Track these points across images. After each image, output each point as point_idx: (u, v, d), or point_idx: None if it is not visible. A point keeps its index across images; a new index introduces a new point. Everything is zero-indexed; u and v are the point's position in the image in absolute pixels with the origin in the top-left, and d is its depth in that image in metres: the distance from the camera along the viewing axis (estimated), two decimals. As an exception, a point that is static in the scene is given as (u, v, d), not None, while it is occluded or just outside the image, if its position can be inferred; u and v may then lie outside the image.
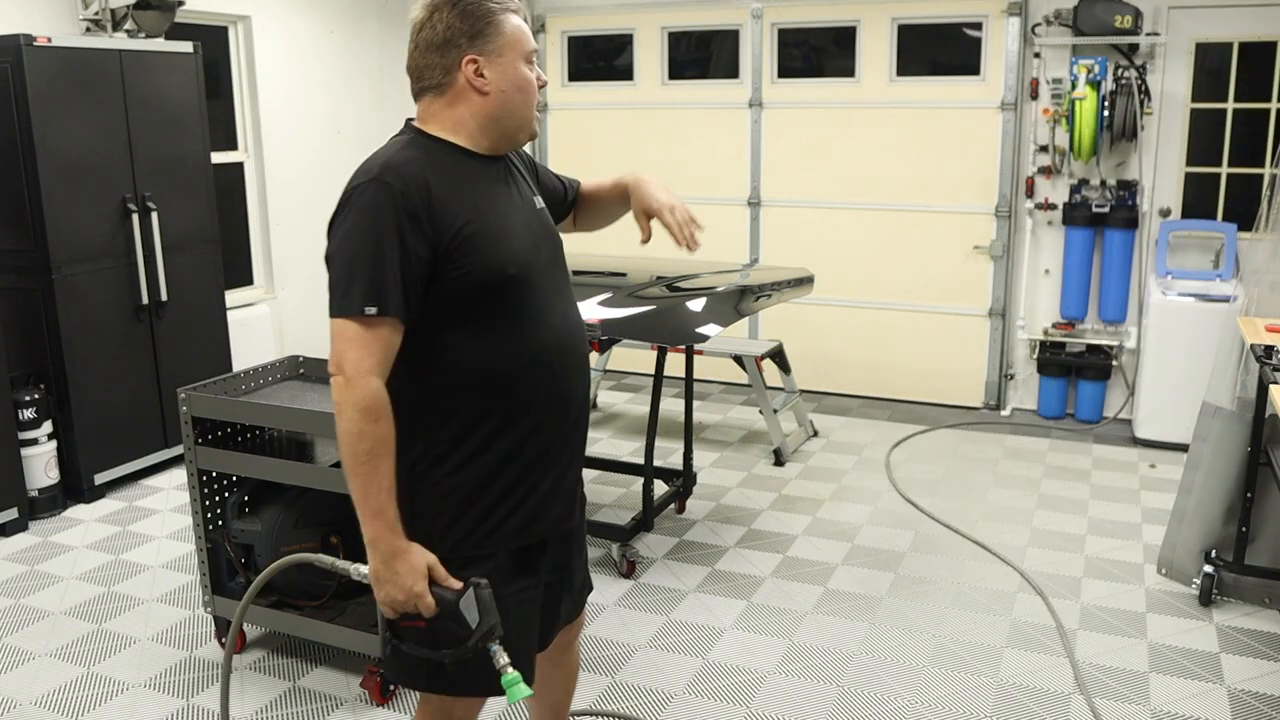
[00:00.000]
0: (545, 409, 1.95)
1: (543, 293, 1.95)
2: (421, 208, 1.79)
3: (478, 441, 1.90)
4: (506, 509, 1.93)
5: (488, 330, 1.88)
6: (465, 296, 1.85)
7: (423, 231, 1.78)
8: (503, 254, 1.87)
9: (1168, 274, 5.37)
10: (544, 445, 1.96)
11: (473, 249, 1.83)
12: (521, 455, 1.93)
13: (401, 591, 1.79)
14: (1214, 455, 3.68)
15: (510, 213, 1.94)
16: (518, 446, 1.92)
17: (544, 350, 1.94)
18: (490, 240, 1.86)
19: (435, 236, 1.80)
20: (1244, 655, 3.32)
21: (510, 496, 1.93)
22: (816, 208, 6.19)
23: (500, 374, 1.89)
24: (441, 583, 1.82)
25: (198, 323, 5.11)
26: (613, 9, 6.46)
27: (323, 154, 6.45)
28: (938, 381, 6.12)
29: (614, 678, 3.22)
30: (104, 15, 4.82)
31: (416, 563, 1.80)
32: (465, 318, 1.86)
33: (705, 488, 4.79)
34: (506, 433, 1.91)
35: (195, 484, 3.19)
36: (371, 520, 1.78)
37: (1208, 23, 5.31)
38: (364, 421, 1.76)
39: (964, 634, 3.48)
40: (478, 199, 1.88)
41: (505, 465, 1.92)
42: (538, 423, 1.94)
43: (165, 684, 3.21)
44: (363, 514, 1.79)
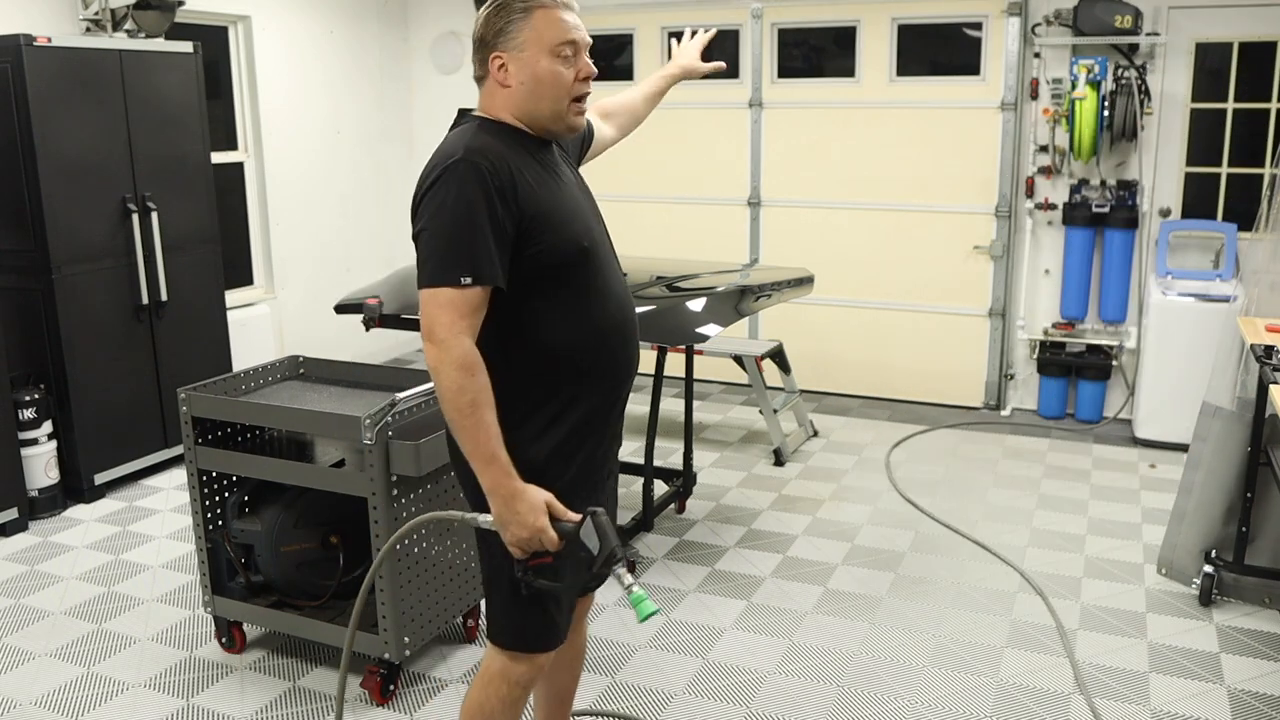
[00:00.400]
0: (611, 380, 2.09)
1: (606, 266, 2.09)
2: (508, 185, 1.91)
3: (554, 410, 2.02)
4: (578, 474, 2.05)
5: (563, 304, 2.00)
6: (543, 271, 1.97)
7: (509, 208, 1.91)
8: (575, 229, 2.01)
9: (1168, 274, 5.37)
10: (606, 413, 2.10)
11: (549, 226, 1.96)
12: (591, 424, 2.07)
13: (526, 529, 1.89)
14: (1214, 455, 3.68)
15: (570, 191, 2.07)
16: (588, 416, 2.05)
17: (610, 322, 2.07)
18: (563, 217, 2.00)
19: (519, 213, 1.92)
20: (1244, 655, 3.32)
21: (574, 460, 2.05)
22: (816, 208, 6.19)
23: (575, 347, 2.02)
24: (561, 517, 1.92)
25: (198, 323, 5.11)
26: (613, 9, 6.46)
27: (323, 154, 6.45)
28: (938, 381, 6.12)
29: (614, 678, 3.22)
30: (104, 15, 4.82)
31: (535, 500, 1.90)
32: (543, 293, 1.98)
33: (705, 488, 4.78)
34: (580, 403, 2.04)
35: (195, 484, 3.19)
36: (486, 468, 1.90)
37: (1208, 23, 5.31)
38: (463, 377, 1.87)
39: (964, 634, 3.48)
40: (545, 179, 2.01)
41: (578, 433, 2.04)
42: (604, 392, 2.08)
43: (165, 684, 3.21)
44: (476, 464, 1.91)
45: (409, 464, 2.84)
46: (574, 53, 2.00)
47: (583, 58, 2.02)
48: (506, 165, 1.92)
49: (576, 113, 2.04)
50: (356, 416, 2.84)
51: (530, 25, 1.96)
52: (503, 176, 1.90)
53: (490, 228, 1.88)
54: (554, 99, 2.00)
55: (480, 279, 1.88)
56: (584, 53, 2.02)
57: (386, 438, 2.84)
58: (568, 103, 2.01)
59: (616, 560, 1.86)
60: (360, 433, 2.82)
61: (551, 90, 1.99)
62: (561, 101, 2.00)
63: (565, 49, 1.98)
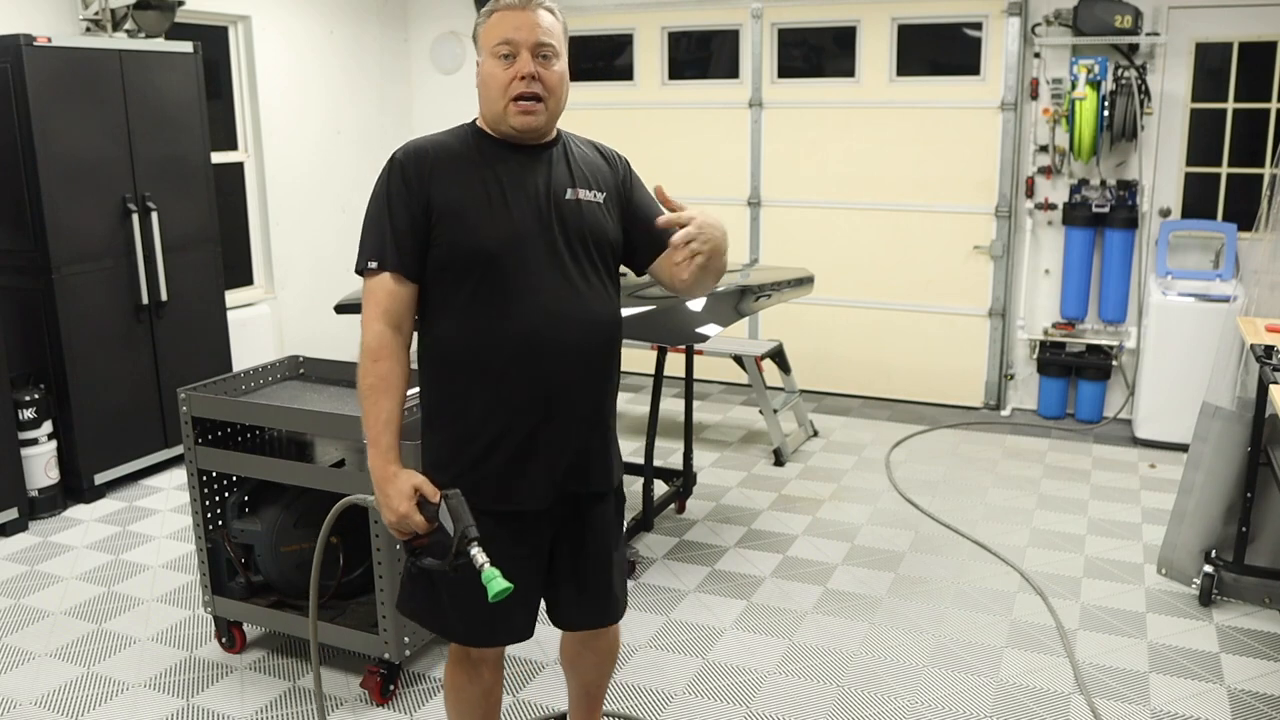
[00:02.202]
0: (518, 389, 2.05)
1: (531, 276, 2.03)
2: (415, 175, 2.01)
3: (457, 406, 2.09)
4: (480, 474, 2.08)
5: (471, 302, 2.03)
6: (450, 266, 2.02)
7: (415, 199, 2.00)
8: (481, 231, 2.01)
9: (1168, 274, 5.37)
10: (515, 423, 2.06)
11: (456, 225, 2.01)
12: (493, 427, 2.06)
13: (392, 513, 1.98)
14: (1214, 455, 3.68)
15: (517, 196, 2.05)
16: (487, 419, 2.06)
17: (521, 331, 2.03)
18: (475, 218, 2.01)
19: (425, 204, 2.00)
20: (1244, 655, 3.32)
21: (483, 464, 2.08)
22: (816, 208, 6.19)
23: (478, 345, 2.04)
24: (430, 499, 1.98)
25: (198, 323, 5.11)
26: (613, 9, 6.46)
27: (323, 154, 6.45)
28: (938, 381, 6.12)
29: (614, 677, 3.22)
30: (104, 15, 4.82)
31: (403, 486, 1.98)
32: (453, 286, 2.04)
33: (705, 488, 4.78)
34: (476, 404, 2.06)
35: (195, 484, 3.19)
36: (370, 448, 2.01)
37: (1208, 23, 5.31)
38: (366, 361, 2.00)
39: (964, 634, 3.48)
40: (482, 180, 2.03)
41: (478, 432, 2.07)
42: (511, 400, 2.05)
43: (165, 684, 3.21)
44: (367, 442, 2.02)
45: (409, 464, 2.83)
46: (511, 52, 1.99)
47: (523, 57, 1.99)
48: (429, 161, 2.02)
49: (518, 111, 2.01)
50: (356, 416, 2.83)
51: (485, 28, 2.04)
52: (418, 170, 2.01)
53: (394, 218, 2.00)
54: (492, 98, 2.03)
55: (383, 265, 2.00)
56: (525, 52, 1.99)
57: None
58: (504, 103, 2.01)
59: (469, 541, 1.91)
60: (360, 433, 2.82)
61: (490, 89, 2.03)
62: (498, 101, 2.02)
63: (502, 48, 2.00)
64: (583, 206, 2.11)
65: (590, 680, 2.53)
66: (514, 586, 1.87)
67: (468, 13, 6.75)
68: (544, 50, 2.02)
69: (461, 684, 2.28)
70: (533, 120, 2.03)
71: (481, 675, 2.27)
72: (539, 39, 2.01)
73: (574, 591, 2.25)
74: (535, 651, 3.34)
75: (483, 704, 2.31)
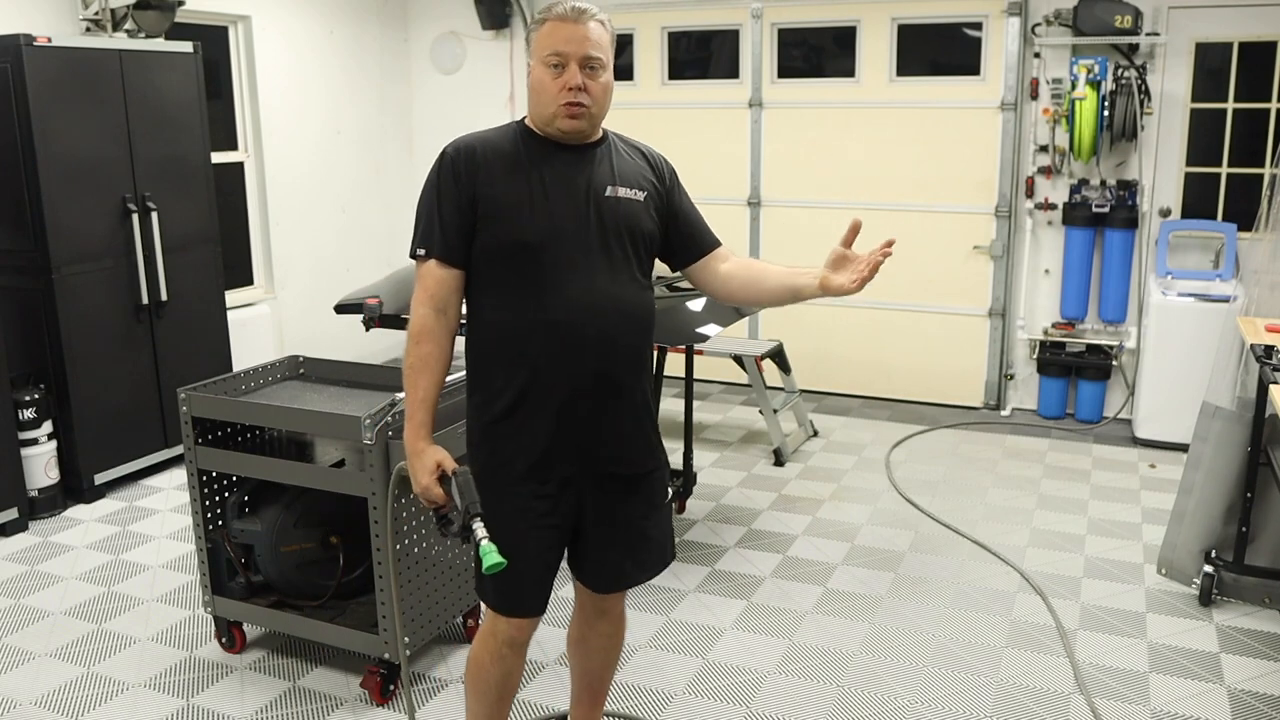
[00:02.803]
0: (552, 373, 2.17)
1: (567, 267, 2.16)
2: (464, 169, 2.15)
3: (495, 388, 2.21)
4: (510, 451, 2.21)
5: (505, 291, 2.18)
6: (489, 257, 2.17)
7: (462, 189, 2.15)
8: (521, 223, 2.15)
9: (1168, 274, 5.37)
10: (548, 404, 2.19)
11: (498, 214, 2.15)
12: (525, 409, 2.19)
13: (417, 484, 2.17)
14: (1214, 455, 3.68)
15: (559, 192, 2.18)
16: (521, 400, 2.19)
17: (554, 319, 2.16)
18: (516, 210, 2.15)
19: (471, 195, 2.14)
20: (1244, 655, 3.32)
21: (513, 441, 2.21)
22: (816, 208, 6.19)
23: (510, 333, 2.18)
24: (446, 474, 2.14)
25: (198, 323, 5.11)
26: (613, 9, 6.45)
27: (323, 154, 6.45)
28: (938, 381, 6.12)
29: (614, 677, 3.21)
30: (104, 15, 4.82)
31: (428, 461, 2.16)
32: (490, 277, 2.19)
33: (705, 488, 4.78)
34: (512, 385, 2.19)
35: (195, 484, 3.19)
36: (407, 422, 2.19)
37: (1208, 23, 5.31)
38: (410, 342, 2.18)
39: (964, 634, 3.48)
40: (525, 174, 2.17)
41: (511, 414, 2.20)
42: (543, 383, 2.18)
43: (165, 684, 3.21)
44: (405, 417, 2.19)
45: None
46: (561, 63, 2.13)
47: (571, 68, 2.12)
48: (476, 155, 2.17)
49: (565, 115, 2.15)
50: (356, 416, 2.84)
51: (537, 35, 2.17)
52: (466, 164, 2.15)
53: (442, 209, 2.16)
54: (542, 103, 2.17)
55: (430, 252, 2.17)
56: (574, 64, 2.13)
57: (386, 438, 2.84)
58: (554, 107, 2.15)
59: (472, 516, 2.07)
60: (360, 433, 2.82)
61: (540, 95, 2.17)
62: (548, 106, 2.16)
63: (552, 58, 2.13)
64: (621, 203, 2.23)
65: (594, 667, 2.60)
66: (506, 563, 2.03)
67: (468, 13, 6.75)
68: (592, 63, 2.15)
69: (485, 663, 2.38)
70: (578, 124, 2.18)
71: (504, 657, 2.36)
72: (588, 52, 2.14)
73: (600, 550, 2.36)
74: (535, 651, 3.33)
75: (501, 686, 2.41)
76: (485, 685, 2.40)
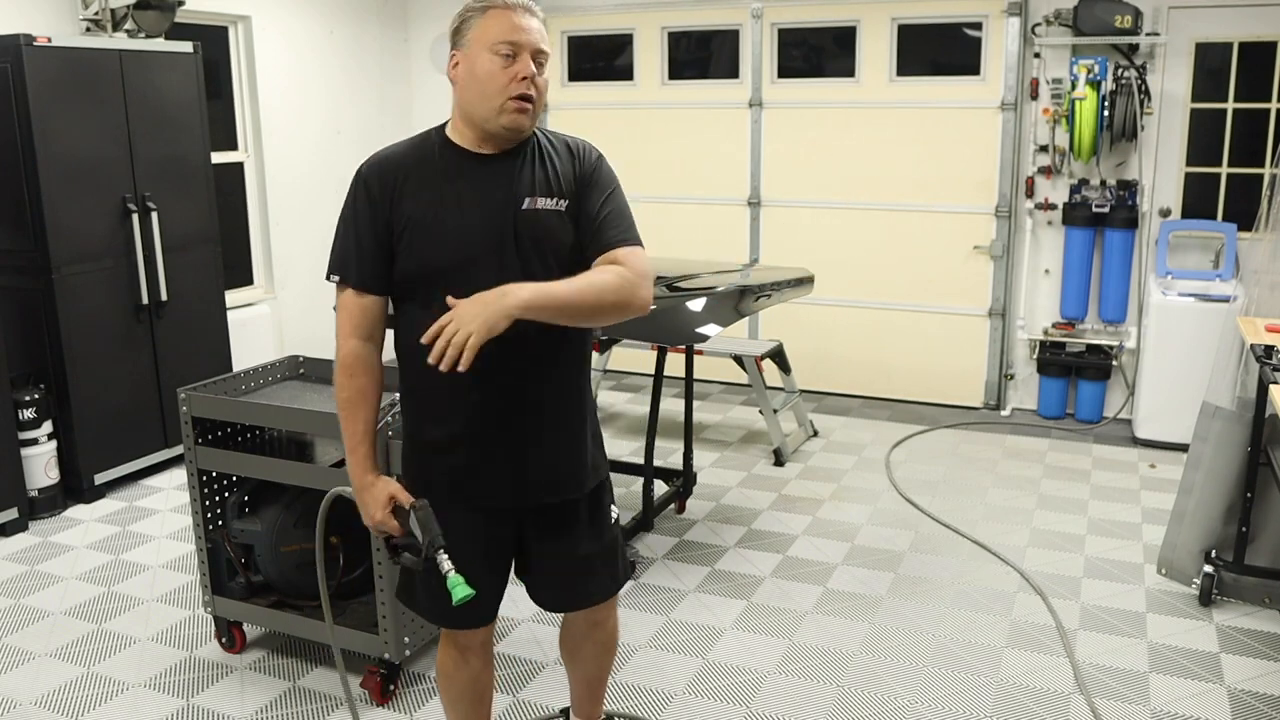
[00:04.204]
0: (470, 399, 2.09)
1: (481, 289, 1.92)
2: (379, 189, 2.05)
3: (415, 410, 2.18)
4: (435, 472, 2.17)
5: (421, 313, 2.02)
6: (408, 279, 2.07)
7: (377, 211, 2.05)
8: (441, 247, 2.04)
9: (1168, 274, 5.37)
10: (468, 427, 2.12)
11: (413, 238, 2.04)
12: (445, 431, 2.14)
13: (368, 518, 2.12)
14: (1214, 455, 3.68)
15: (476, 209, 2.05)
16: (442, 422, 2.14)
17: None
18: (431, 233, 2.04)
19: (387, 219, 2.05)
20: (1244, 655, 3.32)
21: (445, 464, 2.16)
22: (816, 208, 6.19)
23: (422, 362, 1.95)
24: (403, 506, 2.09)
25: (198, 323, 5.11)
26: (613, 9, 6.46)
27: (323, 154, 6.45)
28: (938, 381, 6.12)
29: (614, 678, 3.21)
30: (104, 15, 4.82)
31: (379, 494, 2.10)
32: (411, 299, 2.10)
33: (705, 488, 4.78)
34: (432, 408, 2.14)
35: (195, 484, 3.19)
36: (348, 456, 2.13)
37: (1208, 23, 5.31)
38: (341, 375, 2.10)
39: (964, 634, 3.48)
40: (441, 193, 2.06)
41: (432, 435, 2.16)
42: (461, 406, 2.10)
43: (165, 684, 3.21)
44: (346, 454, 2.13)
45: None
46: (513, 52, 1.99)
47: (523, 59, 2.00)
48: (394, 174, 2.06)
49: (515, 110, 2.01)
50: (356, 416, 2.83)
51: (479, 24, 2.02)
52: (383, 184, 2.05)
53: (359, 233, 2.06)
54: (488, 95, 2.00)
55: (345, 279, 2.08)
56: (526, 55, 2.00)
57: (386, 438, 2.84)
58: (502, 100, 2.00)
59: (436, 549, 2.00)
60: (360, 433, 2.82)
61: (487, 85, 2.00)
62: (495, 99, 2.00)
63: (504, 47, 1.99)
64: (540, 216, 2.07)
65: (591, 671, 2.59)
66: (476, 593, 1.96)
67: (468, 13, 6.74)
68: (540, 57, 2.05)
69: (449, 670, 2.37)
70: (524, 120, 2.04)
71: (469, 661, 2.35)
72: (538, 45, 2.04)
73: (543, 578, 2.32)
74: (535, 651, 3.34)
75: (471, 690, 2.40)
76: (456, 692, 2.39)
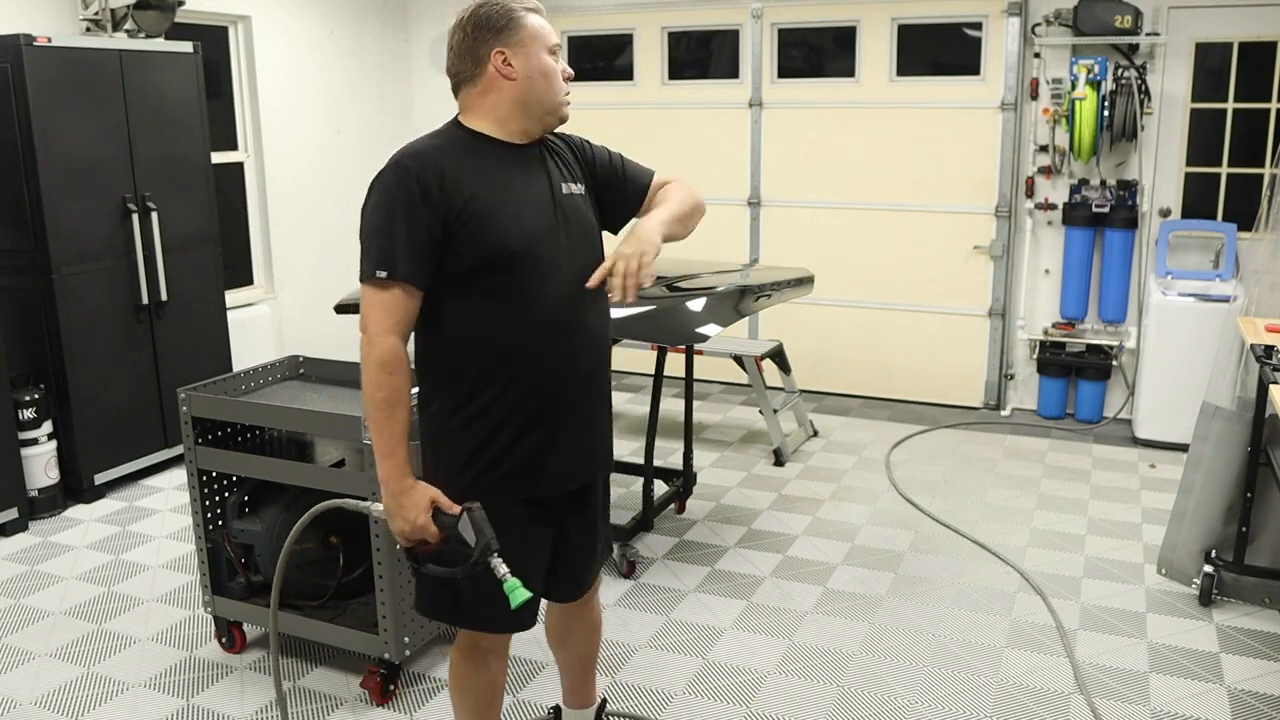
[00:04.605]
0: (544, 379, 2.14)
1: (547, 273, 2.11)
2: (432, 185, 2.01)
3: (480, 404, 2.12)
4: (507, 466, 2.14)
5: (490, 302, 2.08)
6: (470, 270, 2.06)
7: (432, 207, 2.01)
8: (505, 233, 2.06)
9: (1168, 274, 5.37)
10: (542, 412, 2.15)
11: (477, 227, 2.04)
12: (518, 420, 2.13)
13: (407, 523, 2.04)
14: (1214, 455, 3.68)
15: (524, 195, 2.12)
16: (514, 412, 2.12)
17: (544, 325, 2.12)
18: (495, 219, 2.06)
19: (445, 212, 2.02)
20: (1244, 655, 3.32)
21: (509, 455, 2.14)
22: (816, 208, 6.19)
23: (499, 344, 2.10)
24: (446, 510, 2.04)
25: (198, 323, 5.11)
26: (613, 9, 6.46)
27: (323, 154, 6.45)
28: (938, 381, 6.12)
29: (614, 678, 3.22)
30: (104, 15, 4.82)
31: (419, 498, 2.04)
32: (471, 289, 2.08)
33: (705, 488, 4.78)
34: (504, 399, 2.12)
35: (195, 484, 3.19)
36: (384, 461, 2.04)
37: (1208, 23, 5.31)
38: (381, 374, 2.02)
39: (964, 634, 3.48)
40: (493, 182, 2.08)
41: (503, 427, 2.13)
42: (536, 391, 2.13)
43: (165, 684, 3.21)
44: (377, 455, 2.05)
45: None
46: (556, 54, 2.18)
47: (561, 60, 2.21)
48: (440, 168, 2.04)
49: (568, 104, 2.21)
50: (356, 416, 2.84)
51: (530, 25, 2.13)
52: (428, 179, 2.02)
53: (408, 228, 2.00)
54: (554, 91, 2.16)
55: (395, 275, 2.00)
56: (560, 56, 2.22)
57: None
58: (561, 95, 2.18)
59: (491, 552, 1.97)
60: (360, 433, 2.82)
61: (552, 81, 2.15)
62: (559, 94, 2.17)
63: (555, 49, 2.17)
64: (574, 199, 2.22)
65: (584, 650, 2.64)
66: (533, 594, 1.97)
67: (468, 13, 6.74)
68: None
69: (468, 673, 2.36)
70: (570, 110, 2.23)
71: (489, 664, 2.35)
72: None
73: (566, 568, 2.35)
74: (535, 651, 3.34)
75: (489, 693, 2.40)
76: (474, 694, 2.39)
